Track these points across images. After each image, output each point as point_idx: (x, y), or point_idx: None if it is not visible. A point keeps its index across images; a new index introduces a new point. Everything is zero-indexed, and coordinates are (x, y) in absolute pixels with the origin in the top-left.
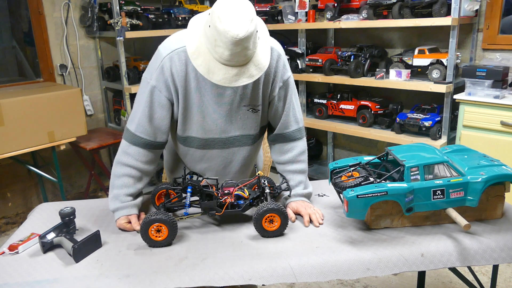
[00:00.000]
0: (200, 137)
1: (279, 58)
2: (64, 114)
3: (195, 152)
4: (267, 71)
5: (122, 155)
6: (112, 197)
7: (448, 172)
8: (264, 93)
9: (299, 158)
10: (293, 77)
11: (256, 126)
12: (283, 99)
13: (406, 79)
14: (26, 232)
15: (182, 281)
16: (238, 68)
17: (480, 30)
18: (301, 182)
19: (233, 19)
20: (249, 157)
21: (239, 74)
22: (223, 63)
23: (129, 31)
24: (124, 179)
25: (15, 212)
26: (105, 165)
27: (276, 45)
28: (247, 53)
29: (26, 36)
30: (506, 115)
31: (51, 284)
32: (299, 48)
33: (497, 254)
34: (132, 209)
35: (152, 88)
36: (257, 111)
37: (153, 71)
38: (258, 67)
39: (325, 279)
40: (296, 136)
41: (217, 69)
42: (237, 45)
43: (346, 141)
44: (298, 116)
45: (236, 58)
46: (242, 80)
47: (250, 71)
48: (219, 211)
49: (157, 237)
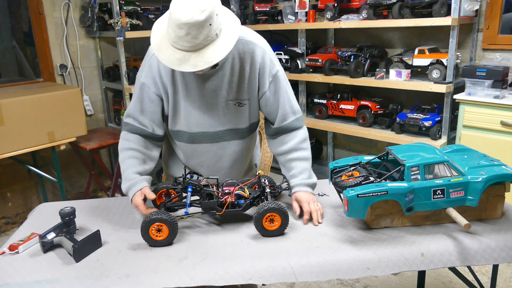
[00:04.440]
0: (188, 131)
1: (265, 54)
2: (64, 114)
3: (186, 147)
4: (253, 66)
5: (123, 142)
6: (123, 182)
7: (448, 171)
8: (251, 88)
9: (302, 145)
10: (283, 70)
11: (244, 121)
12: (276, 93)
13: (406, 79)
14: (26, 232)
15: (182, 280)
16: (183, 54)
17: (480, 30)
18: (306, 169)
19: (183, 4)
20: (240, 152)
21: (183, 60)
22: (172, 45)
23: (129, 31)
24: (129, 161)
25: (15, 212)
26: (105, 165)
27: (260, 41)
28: (192, 40)
29: (26, 36)
30: (506, 115)
31: (51, 284)
32: (299, 48)
33: (497, 254)
34: (142, 183)
35: (142, 84)
36: (243, 105)
37: (143, 69)
38: (205, 60)
39: (325, 278)
40: (296, 125)
41: (165, 49)
42: (180, 28)
43: (346, 141)
44: (294, 107)
45: (181, 42)
46: (184, 66)
47: (194, 61)
48: (219, 211)
49: (157, 237)
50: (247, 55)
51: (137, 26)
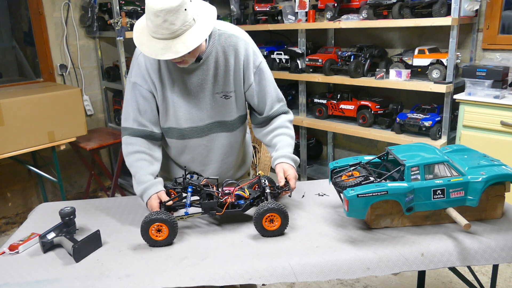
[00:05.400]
0: (178, 127)
1: (248, 46)
2: (64, 114)
3: (177, 143)
4: (237, 58)
5: (127, 147)
6: (135, 184)
7: (448, 171)
8: (236, 80)
9: (287, 124)
10: (265, 61)
11: (231, 113)
12: (261, 83)
13: (406, 79)
14: (26, 232)
15: (182, 280)
16: (165, 42)
17: (480, 30)
18: (291, 145)
19: None
20: (229, 145)
21: (165, 49)
22: (152, 36)
23: (129, 31)
24: (138, 163)
25: (15, 212)
26: (105, 165)
27: (242, 34)
28: (170, 27)
29: (26, 36)
30: (506, 115)
31: (51, 284)
32: (299, 48)
33: (497, 254)
34: (157, 186)
35: (134, 84)
36: (229, 97)
37: (132, 69)
38: (185, 44)
39: (325, 278)
40: (283, 110)
41: (146, 41)
42: (157, 16)
43: (346, 141)
44: (280, 95)
45: (160, 30)
46: (168, 54)
47: (176, 47)
48: (219, 211)
49: (157, 237)
50: (230, 48)
51: None
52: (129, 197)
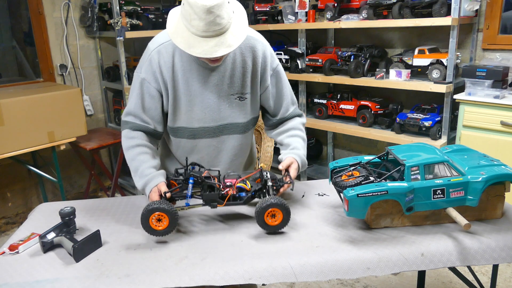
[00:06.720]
0: (190, 127)
1: (265, 48)
2: (64, 114)
3: (186, 143)
4: (255, 60)
5: (127, 140)
6: (137, 178)
7: (448, 171)
8: (253, 81)
9: (301, 127)
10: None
11: (245, 115)
12: (278, 85)
13: (406, 79)
14: (26, 232)
15: (182, 280)
16: (216, 39)
17: (480, 30)
18: (303, 147)
19: None
20: (239, 147)
21: (218, 45)
22: (201, 36)
23: (129, 31)
24: (140, 157)
25: (15, 212)
26: (105, 165)
27: (259, 36)
28: (221, 21)
29: (26, 36)
30: (506, 115)
31: (51, 284)
32: (299, 48)
33: (497, 254)
34: (158, 178)
35: (142, 80)
36: (245, 99)
37: (142, 65)
38: (235, 36)
39: (325, 278)
40: (297, 113)
41: (196, 43)
42: (209, 13)
43: (346, 141)
44: (294, 98)
45: (212, 27)
46: (222, 50)
47: (228, 41)
48: (220, 203)
49: (157, 227)
50: (248, 49)
51: (137, 26)
52: (129, 197)
